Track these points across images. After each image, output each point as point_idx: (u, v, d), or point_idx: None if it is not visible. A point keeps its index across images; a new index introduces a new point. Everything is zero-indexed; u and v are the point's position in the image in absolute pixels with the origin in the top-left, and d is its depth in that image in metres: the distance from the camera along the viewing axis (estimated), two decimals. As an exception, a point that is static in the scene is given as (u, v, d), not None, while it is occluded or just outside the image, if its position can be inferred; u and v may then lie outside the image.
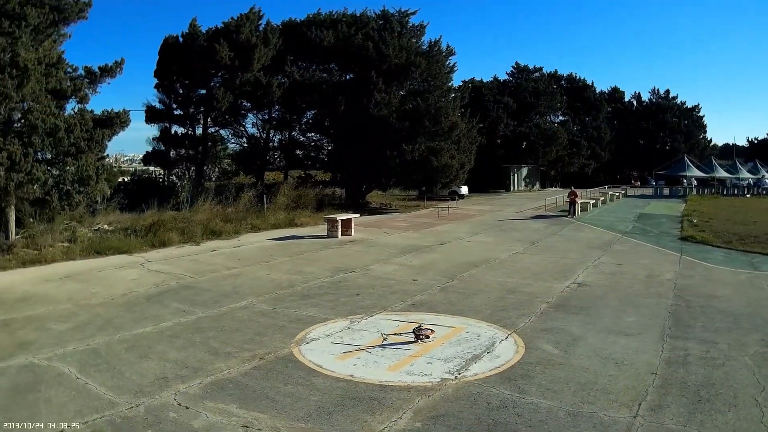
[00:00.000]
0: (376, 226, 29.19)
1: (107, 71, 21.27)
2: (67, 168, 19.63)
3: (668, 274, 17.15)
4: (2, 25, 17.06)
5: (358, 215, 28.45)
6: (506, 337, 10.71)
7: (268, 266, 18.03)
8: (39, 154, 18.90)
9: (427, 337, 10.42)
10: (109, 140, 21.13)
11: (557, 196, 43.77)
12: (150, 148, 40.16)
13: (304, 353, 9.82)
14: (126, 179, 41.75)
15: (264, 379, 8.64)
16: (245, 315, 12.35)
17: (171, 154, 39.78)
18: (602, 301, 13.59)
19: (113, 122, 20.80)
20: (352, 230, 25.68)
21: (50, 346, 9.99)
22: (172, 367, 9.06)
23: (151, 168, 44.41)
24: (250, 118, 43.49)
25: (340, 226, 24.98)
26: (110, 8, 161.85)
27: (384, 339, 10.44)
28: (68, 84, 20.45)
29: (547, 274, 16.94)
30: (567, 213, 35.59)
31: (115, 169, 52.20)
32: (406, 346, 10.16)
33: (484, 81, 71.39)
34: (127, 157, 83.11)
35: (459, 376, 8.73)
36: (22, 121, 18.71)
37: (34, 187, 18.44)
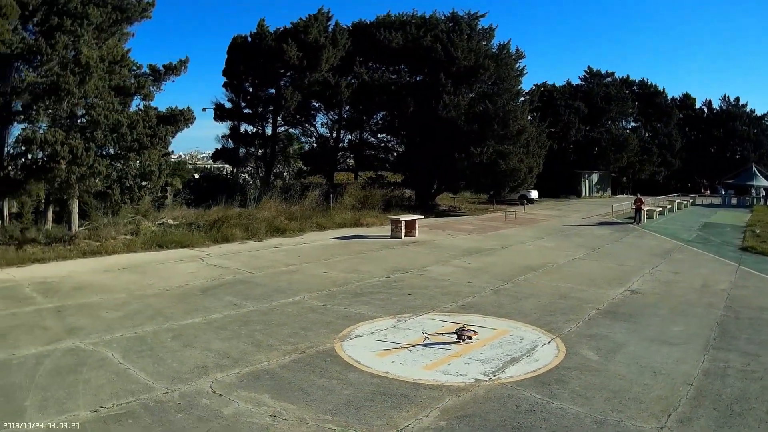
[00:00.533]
0: (441, 228, 29.18)
1: (172, 69, 21.88)
2: (130, 163, 20.25)
3: (723, 285, 16.61)
4: (64, 24, 17.71)
5: (423, 217, 28.45)
6: (549, 342, 10.60)
7: (326, 264, 18.21)
8: (102, 149, 19.51)
9: (470, 338, 10.41)
10: (173, 137, 21.76)
11: (626, 202, 42.82)
12: (219, 146, 41.17)
13: (345, 349, 9.94)
14: (196, 176, 42.87)
15: (301, 372, 8.78)
16: (294, 310, 12.52)
17: (239, 152, 40.63)
18: (652, 310, 13.28)
19: (177, 119, 21.35)
20: (416, 231, 25.59)
21: (98, 333, 10.38)
22: (213, 357, 9.30)
23: (227, 166, 45.41)
24: (320, 118, 44.17)
25: (403, 227, 24.92)
26: (177, 7, 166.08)
27: (426, 338, 10.49)
28: (132, 81, 21.17)
29: (602, 281, 16.65)
30: (633, 220, 34.98)
31: (189, 166, 53.76)
32: (447, 346, 10.17)
33: (557, 85, 70.60)
34: (204, 155, 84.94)
35: (493, 378, 8.69)
36: (86, 116, 19.41)
37: (96, 180, 19.08)
